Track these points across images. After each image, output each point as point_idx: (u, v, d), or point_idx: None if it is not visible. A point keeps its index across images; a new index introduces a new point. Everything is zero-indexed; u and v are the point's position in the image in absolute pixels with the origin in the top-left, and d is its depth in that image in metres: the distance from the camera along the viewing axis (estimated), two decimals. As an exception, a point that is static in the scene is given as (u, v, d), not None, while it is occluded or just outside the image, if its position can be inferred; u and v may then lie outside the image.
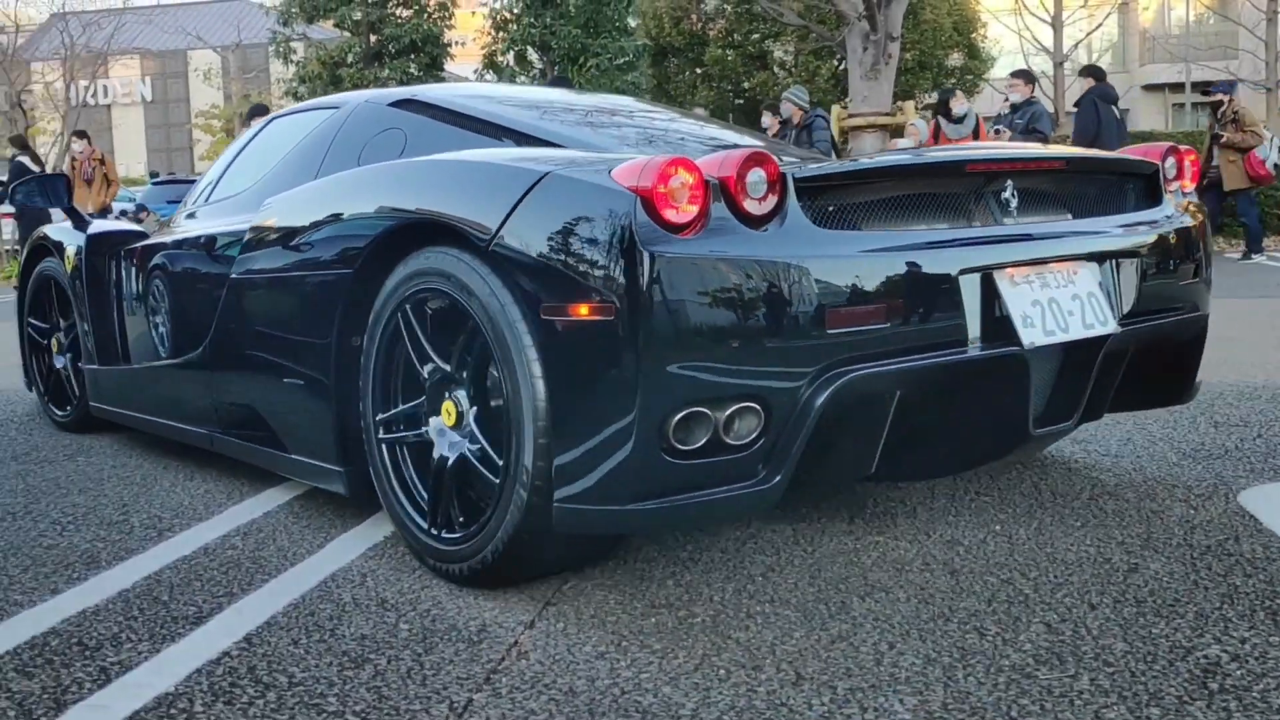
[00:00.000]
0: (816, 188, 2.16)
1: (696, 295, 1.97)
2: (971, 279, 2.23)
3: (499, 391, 2.22)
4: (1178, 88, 28.12)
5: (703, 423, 2.01)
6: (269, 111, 4.64)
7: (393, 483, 2.51)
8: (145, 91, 43.80)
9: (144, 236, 3.91)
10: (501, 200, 2.18)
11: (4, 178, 13.14)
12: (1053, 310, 2.32)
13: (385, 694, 1.86)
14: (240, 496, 3.16)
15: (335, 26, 20.91)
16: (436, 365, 2.41)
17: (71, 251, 4.06)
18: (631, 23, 21.49)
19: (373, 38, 20.39)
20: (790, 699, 1.79)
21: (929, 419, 2.32)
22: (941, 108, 10.43)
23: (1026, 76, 9.86)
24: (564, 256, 2.06)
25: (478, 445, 2.32)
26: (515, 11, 20.09)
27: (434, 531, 2.39)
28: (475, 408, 2.34)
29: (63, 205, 4.40)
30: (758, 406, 2.03)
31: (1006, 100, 9.93)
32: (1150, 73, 31.11)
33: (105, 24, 24.75)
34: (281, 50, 20.87)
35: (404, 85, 16.91)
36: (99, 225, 4.14)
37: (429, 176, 2.48)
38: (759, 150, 2.07)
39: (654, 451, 1.99)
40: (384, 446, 2.53)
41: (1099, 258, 2.46)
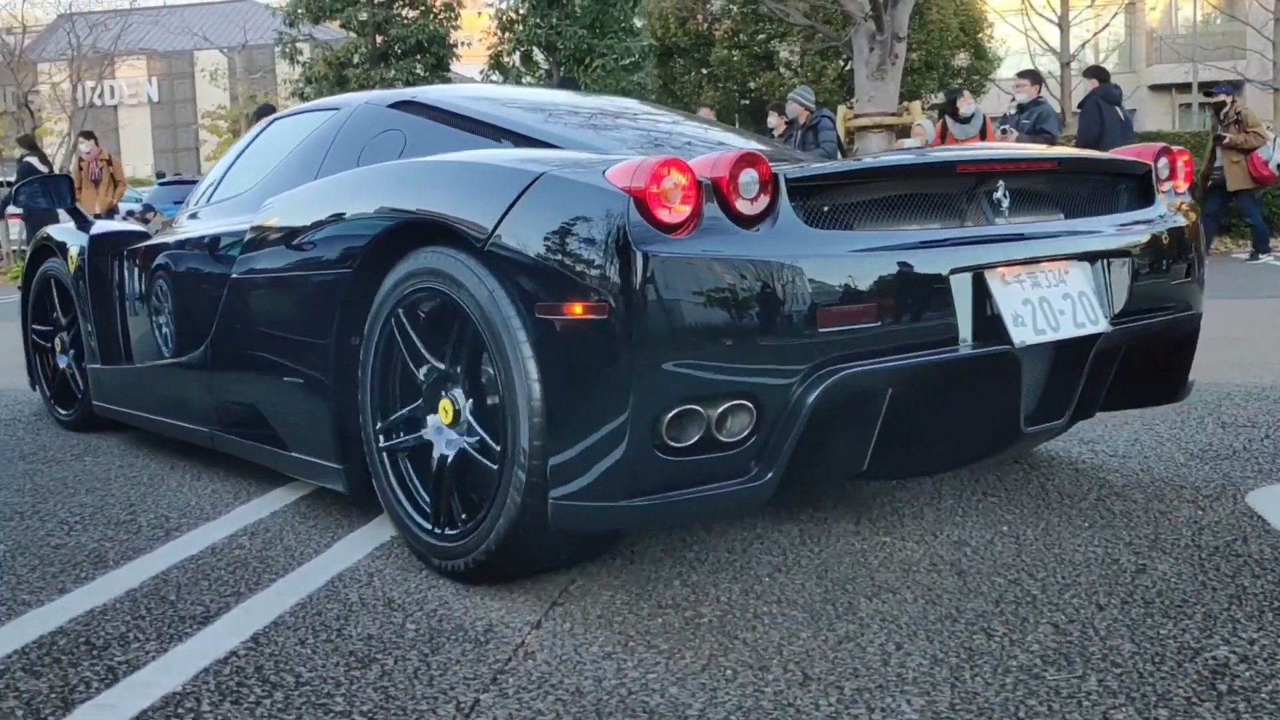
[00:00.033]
0: (809, 188, 2.18)
1: (689, 294, 1.99)
2: (963, 278, 2.25)
3: (495, 388, 2.24)
4: (1185, 88, 28.05)
5: (695, 420, 2.03)
6: (276, 112, 4.65)
7: (395, 489, 2.53)
8: (152, 92, 43.88)
9: (146, 237, 3.94)
10: (498, 200, 2.21)
11: (12, 178, 13.18)
12: (1044, 309, 2.33)
13: (392, 694, 1.86)
14: (247, 496, 3.17)
15: (341, 27, 20.93)
16: (434, 365, 2.43)
17: (75, 252, 4.08)
18: (637, 23, 21.48)
19: (378, 38, 20.40)
20: (797, 699, 1.79)
21: (921, 417, 2.34)
22: (949, 108, 10.44)
23: (1033, 77, 9.85)
24: (559, 256, 2.08)
25: (476, 437, 2.34)
26: (521, 12, 20.09)
27: (436, 530, 2.40)
28: (471, 400, 2.36)
29: (66, 206, 4.42)
30: (750, 404, 2.06)
31: (1013, 100, 9.92)
32: (1157, 73, 31.04)
33: (112, 25, 24.77)
34: (287, 51, 20.89)
35: (410, 86, 16.94)
36: (102, 226, 4.16)
37: (426, 177, 2.50)
38: (751, 151, 2.09)
39: (647, 449, 2.01)
40: (385, 455, 2.55)
41: (1091, 257, 2.48)
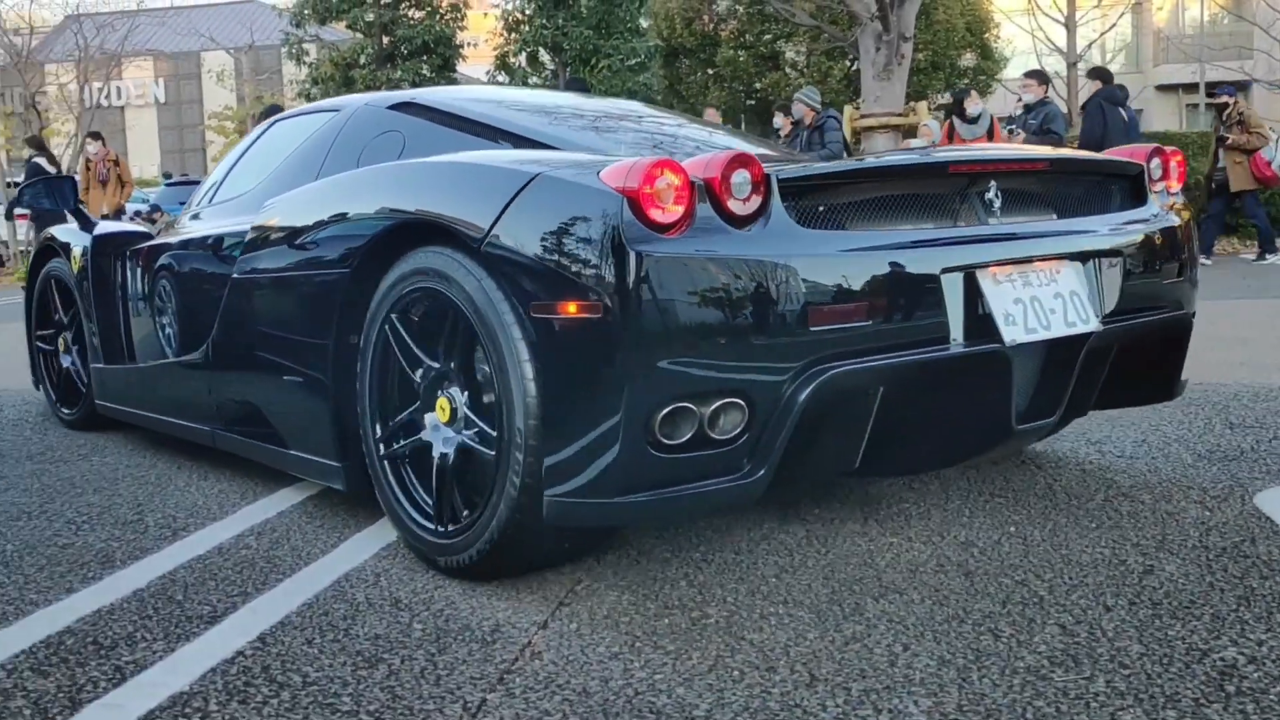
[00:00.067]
0: (801, 188, 2.20)
1: (682, 293, 2.01)
2: (954, 278, 2.27)
3: (491, 385, 2.26)
4: (1192, 88, 27.96)
5: (688, 418, 2.05)
6: (283, 112, 4.67)
7: (395, 491, 2.55)
8: (159, 93, 43.98)
9: (148, 237, 3.96)
10: (494, 200, 2.23)
11: (21, 179, 13.21)
12: (1035, 308, 2.35)
13: (399, 693, 1.86)
14: (254, 496, 3.17)
15: (348, 28, 20.94)
16: (430, 365, 2.45)
17: (78, 252, 4.10)
18: (643, 24, 21.47)
19: (385, 39, 20.42)
20: (804, 700, 1.78)
21: (912, 415, 2.35)
22: (956, 107, 10.43)
23: (1040, 77, 9.82)
24: (553, 256, 2.10)
25: (475, 429, 2.35)
26: (527, 13, 20.09)
27: (440, 529, 2.41)
28: (467, 393, 2.38)
29: (69, 207, 4.44)
30: (742, 402, 2.08)
31: (1019, 100, 9.90)
32: (1164, 73, 30.97)
33: (119, 26, 24.80)
34: (294, 52, 20.91)
35: (416, 87, 16.95)
36: (104, 226, 4.19)
37: (424, 178, 2.52)
38: (743, 152, 2.11)
39: (641, 446, 2.03)
40: (386, 463, 2.56)
41: (1082, 257, 2.50)
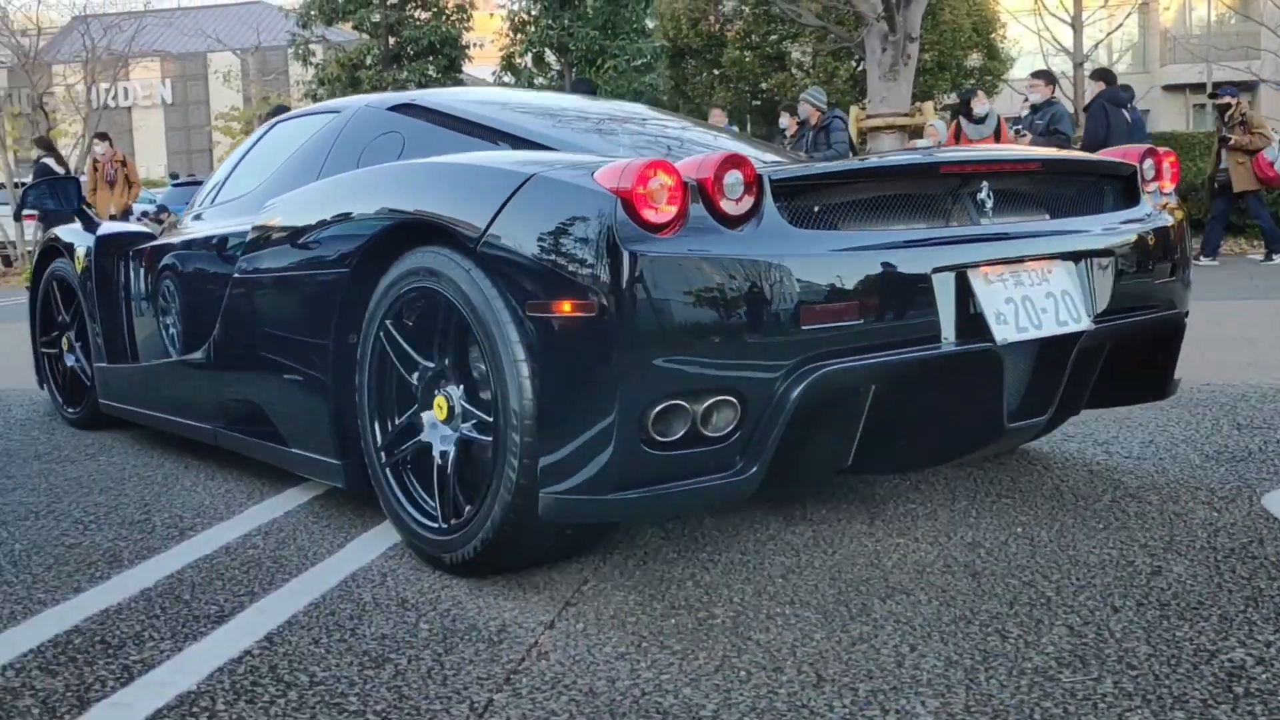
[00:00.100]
0: (793, 189, 2.22)
1: (675, 292, 2.04)
2: (945, 277, 2.29)
3: (486, 383, 2.27)
4: (1199, 88, 27.89)
5: (681, 415, 2.07)
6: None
7: (396, 494, 2.55)
8: (165, 94, 44.03)
9: (151, 237, 3.99)
10: (490, 201, 2.25)
11: (29, 179, 13.23)
12: (1026, 307, 2.37)
13: (406, 693, 1.87)
14: (261, 496, 3.18)
15: (354, 29, 20.99)
16: (427, 366, 2.47)
17: (81, 252, 4.12)
18: (649, 24, 21.49)
19: (391, 40, 20.46)
20: (811, 701, 1.78)
21: (904, 413, 2.37)
22: (963, 108, 10.43)
23: (1047, 77, 9.81)
24: (548, 255, 2.12)
25: (473, 419, 2.36)
26: (533, 13, 20.12)
27: (440, 526, 2.42)
28: (462, 387, 2.40)
29: (72, 208, 4.45)
30: (734, 400, 2.10)
31: (1026, 100, 9.89)
32: (1171, 73, 30.89)
33: (126, 27, 24.81)
34: (300, 53, 20.96)
35: (422, 87, 16.97)
36: (108, 227, 4.21)
37: (422, 178, 2.54)
38: (736, 153, 2.13)
39: (634, 443, 2.05)
40: (388, 470, 2.57)
41: (1074, 256, 2.51)
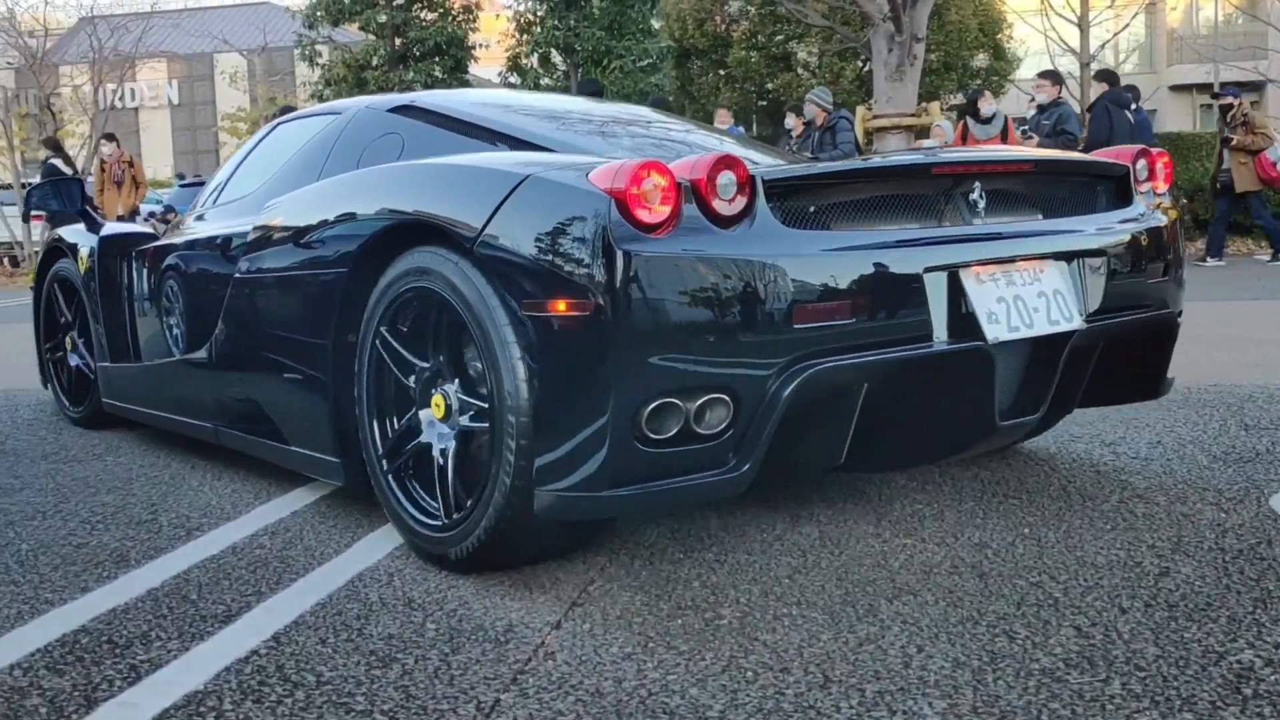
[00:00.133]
0: (786, 189, 2.24)
1: (668, 292, 2.06)
2: (937, 277, 2.31)
3: (483, 381, 2.29)
4: (1206, 88, 27.79)
5: (674, 413, 2.09)
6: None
7: (399, 498, 2.56)
8: (172, 94, 44.14)
9: (154, 238, 4.01)
10: (486, 201, 2.27)
11: (36, 180, 13.27)
12: (1018, 307, 2.38)
13: (412, 693, 1.87)
14: (268, 496, 3.18)
15: (360, 29, 20.99)
16: (424, 366, 2.48)
17: (85, 253, 4.14)
18: (655, 24, 21.47)
19: (397, 40, 20.45)
20: (818, 701, 1.78)
21: (896, 411, 2.38)
22: (970, 108, 10.41)
23: (1054, 77, 9.79)
24: (543, 255, 2.14)
25: (471, 410, 2.37)
26: (539, 14, 20.11)
27: (441, 523, 2.43)
28: (458, 381, 2.41)
29: (76, 208, 4.47)
30: (727, 398, 2.12)
31: (1032, 101, 9.86)
32: (1178, 73, 30.81)
33: (133, 28, 24.87)
34: (307, 53, 20.97)
35: (428, 88, 16.97)
36: (111, 227, 4.23)
37: (420, 179, 2.56)
38: (729, 154, 2.15)
39: (628, 441, 2.08)
40: (390, 477, 2.58)
41: (1066, 256, 2.52)
